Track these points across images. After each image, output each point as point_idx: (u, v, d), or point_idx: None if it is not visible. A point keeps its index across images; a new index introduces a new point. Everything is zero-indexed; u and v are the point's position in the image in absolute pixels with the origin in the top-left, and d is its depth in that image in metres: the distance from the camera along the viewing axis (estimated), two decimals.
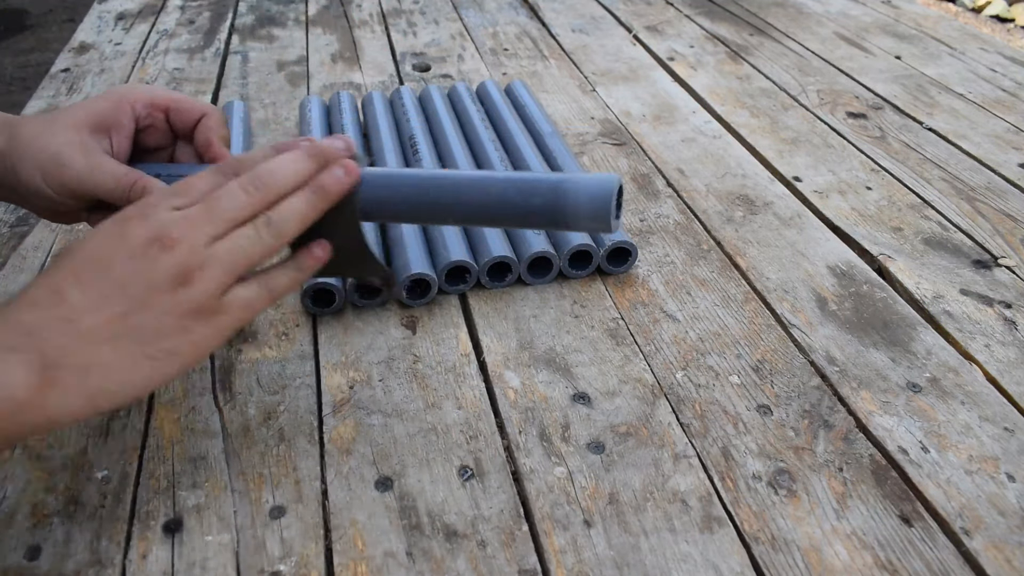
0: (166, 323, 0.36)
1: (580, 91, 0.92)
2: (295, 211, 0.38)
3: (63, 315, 0.35)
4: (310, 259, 0.41)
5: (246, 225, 0.38)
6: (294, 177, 0.39)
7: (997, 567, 0.39)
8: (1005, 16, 2.85)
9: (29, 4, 3.04)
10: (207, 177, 0.39)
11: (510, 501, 0.43)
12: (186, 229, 0.37)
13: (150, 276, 0.36)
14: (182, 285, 0.36)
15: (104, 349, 0.35)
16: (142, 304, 0.36)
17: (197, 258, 0.36)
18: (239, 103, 0.82)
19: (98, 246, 0.37)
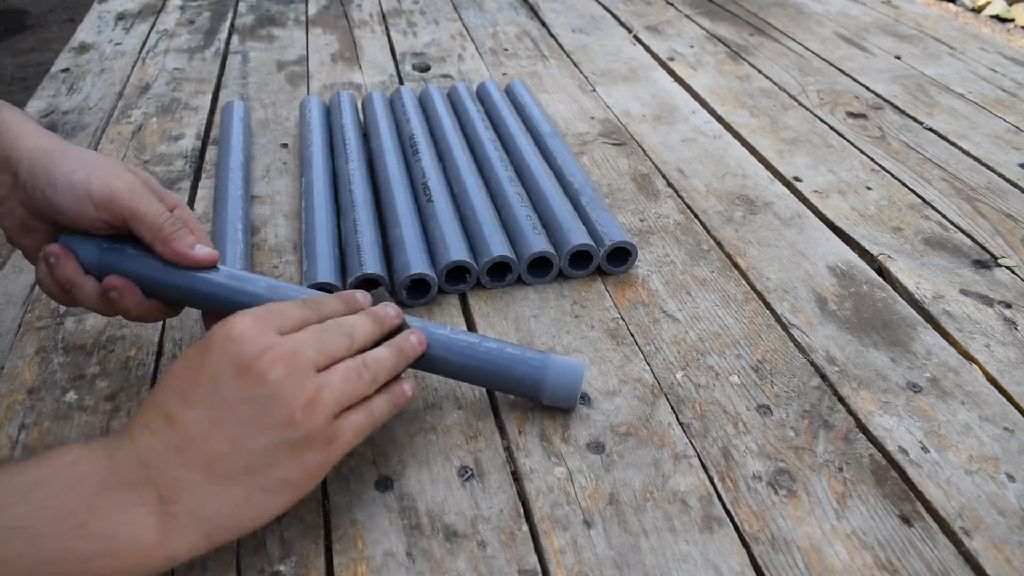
0: (282, 451, 0.36)
1: (580, 91, 0.92)
2: (385, 360, 0.41)
3: (176, 442, 0.35)
4: (402, 395, 0.42)
5: (346, 360, 0.39)
6: (371, 332, 0.42)
7: (997, 567, 0.39)
8: (1005, 16, 2.85)
9: (29, 4, 3.04)
10: (297, 309, 0.41)
11: (510, 501, 0.43)
12: (304, 352, 0.37)
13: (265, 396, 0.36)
14: (304, 410, 0.36)
15: (218, 480, 0.35)
16: (256, 427, 0.35)
17: (312, 383, 0.37)
18: (239, 103, 0.82)
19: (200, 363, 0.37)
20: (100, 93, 0.93)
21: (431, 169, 0.68)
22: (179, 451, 0.35)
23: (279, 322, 0.39)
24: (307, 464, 0.37)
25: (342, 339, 0.40)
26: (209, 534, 0.35)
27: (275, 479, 0.36)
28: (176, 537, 0.34)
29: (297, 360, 0.37)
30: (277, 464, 0.36)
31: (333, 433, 0.37)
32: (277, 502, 0.36)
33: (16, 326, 0.56)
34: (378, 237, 0.61)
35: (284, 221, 0.68)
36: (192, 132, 0.83)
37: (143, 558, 0.33)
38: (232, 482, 0.35)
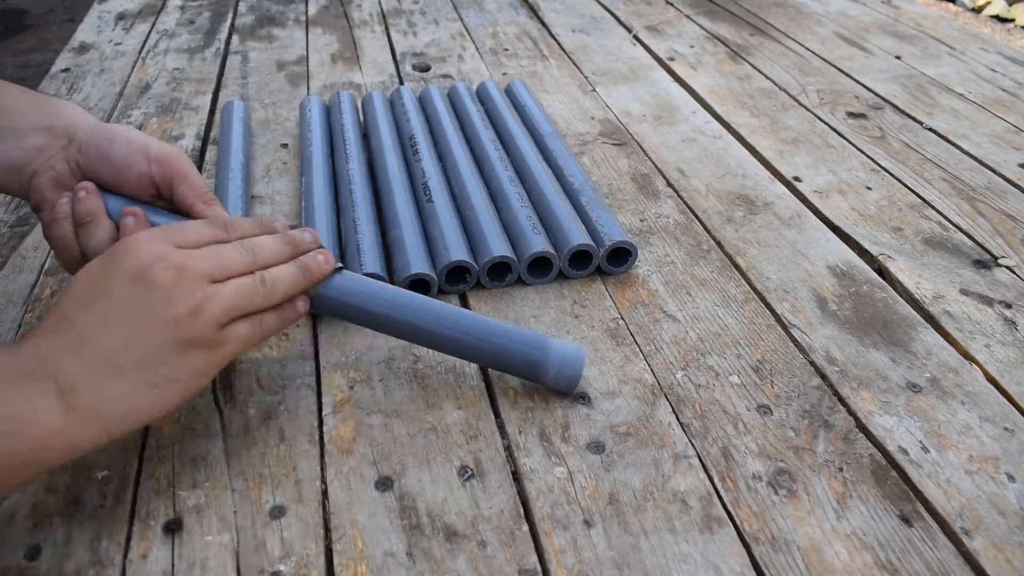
0: (168, 350, 0.38)
1: (580, 91, 0.92)
2: (284, 277, 0.44)
3: (71, 342, 0.38)
4: (293, 311, 0.45)
5: (243, 276, 0.42)
6: (279, 254, 0.44)
7: (997, 567, 0.39)
8: (1005, 16, 2.85)
9: (29, 4, 3.04)
10: (202, 227, 0.43)
11: (510, 501, 0.43)
12: (195, 263, 0.40)
13: (154, 299, 0.39)
14: (190, 314, 0.39)
15: (110, 374, 0.37)
16: (145, 327, 0.38)
17: (202, 291, 0.39)
18: (239, 103, 0.82)
19: (100, 271, 0.40)
20: (100, 93, 0.93)
21: (431, 169, 0.68)
22: (75, 349, 0.37)
23: (179, 237, 0.41)
24: (192, 364, 0.39)
25: (241, 255, 0.42)
26: (107, 426, 0.37)
27: (163, 376, 0.38)
28: (77, 425, 0.36)
29: (188, 269, 0.39)
30: (165, 362, 0.38)
31: (219, 339, 0.40)
32: (168, 397, 0.39)
33: (16, 326, 0.56)
34: (378, 237, 0.61)
35: (284, 221, 0.67)
36: (192, 132, 0.83)
37: (46, 441, 0.36)
38: (123, 377, 0.38)
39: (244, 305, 0.41)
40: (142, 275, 0.39)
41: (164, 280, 0.39)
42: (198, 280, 0.40)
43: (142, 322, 0.38)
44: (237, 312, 0.41)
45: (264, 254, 0.44)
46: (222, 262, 0.41)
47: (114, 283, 0.39)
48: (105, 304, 0.38)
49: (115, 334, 0.38)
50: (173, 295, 0.39)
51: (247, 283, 0.42)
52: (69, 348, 0.38)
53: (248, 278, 0.42)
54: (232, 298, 0.41)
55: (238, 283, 0.41)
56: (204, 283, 0.40)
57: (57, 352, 0.37)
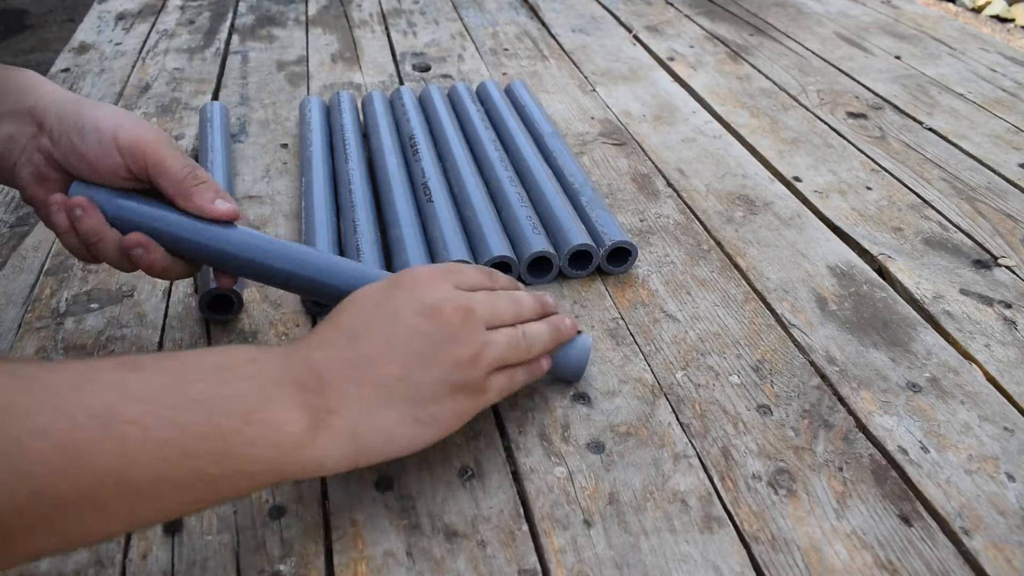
0: (442, 389, 0.39)
1: (580, 91, 0.92)
2: (541, 334, 0.45)
3: (350, 360, 0.38)
4: (539, 369, 0.45)
5: (510, 328, 0.43)
6: (535, 311, 0.46)
7: (997, 567, 0.39)
8: (1005, 16, 2.85)
9: (29, 4, 3.04)
10: (477, 273, 0.45)
11: (510, 501, 0.43)
12: (480, 308, 0.41)
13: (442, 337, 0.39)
14: (471, 358, 0.40)
15: (381, 402, 0.38)
16: (427, 362, 0.39)
17: (482, 337, 0.41)
18: (218, 104, 0.81)
19: (385, 298, 0.40)
20: (100, 93, 0.93)
21: (431, 169, 0.68)
22: (353, 367, 0.38)
23: (459, 279, 0.43)
24: (458, 407, 0.40)
25: (511, 306, 0.44)
26: (358, 451, 0.37)
27: (429, 413, 0.39)
28: (329, 443, 0.36)
29: (473, 313, 0.40)
30: (435, 400, 0.39)
31: (485, 386, 0.41)
32: (424, 435, 0.39)
33: (16, 326, 0.56)
34: (378, 237, 0.61)
35: (284, 221, 0.68)
36: (192, 132, 0.83)
37: (297, 453, 0.35)
38: (393, 407, 0.38)
39: (510, 356, 0.42)
40: (433, 310, 0.39)
41: (454, 319, 0.39)
42: (480, 325, 0.41)
43: (427, 355, 0.39)
44: (504, 362, 0.42)
45: (525, 308, 0.45)
46: (497, 311, 0.42)
47: (402, 311, 0.39)
48: (391, 330, 0.39)
49: (397, 361, 0.38)
50: (460, 336, 0.39)
51: (514, 336, 0.42)
52: (347, 365, 0.38)
53: (513, 331, 0.43)
54: (504, 348, 0.41)
55: (508, 334, 0.42)
56: (483, 329, 0.41)
57: (333, 367, 0.37)
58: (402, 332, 0.39)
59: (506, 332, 0.42)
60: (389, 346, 0.38)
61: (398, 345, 0.38)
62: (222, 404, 0.34)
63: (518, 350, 0.43)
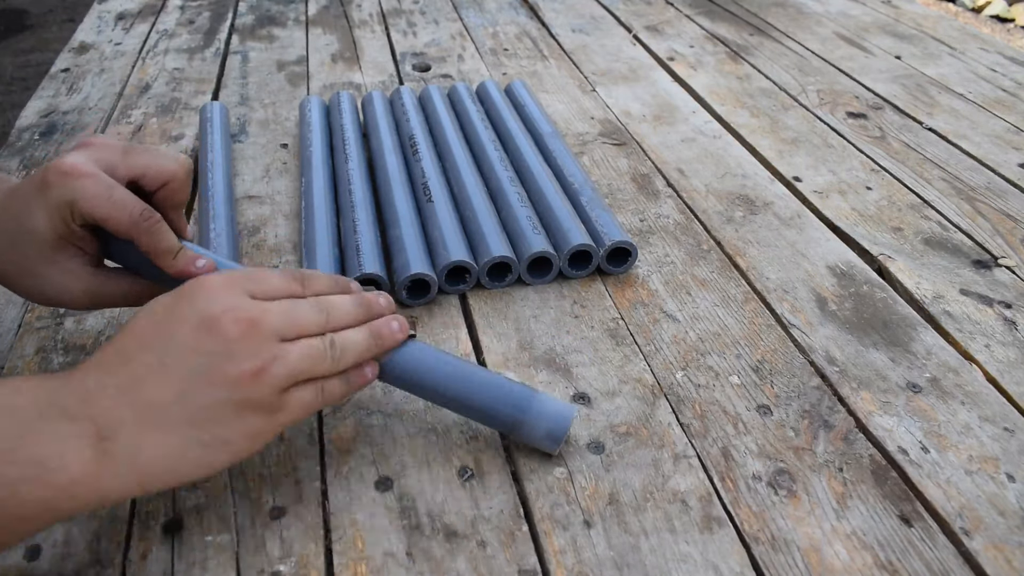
0: (225, 409, 0.36)
1: (580, 91, 0.92)
2: (355, 342, 0.41)
3: (122, 383, 0.35)
4: (361, 377, 0.42)
5: (314, 338, 0.39)
6: (352, 316, 0.42)
7: (997, 567, 0.39)
8: (1005, 16, 2.85)
9: (29, 4, 3.04)
10: (279, 280, 0.41)
11: (510, 501, 0.43)
12: (268, 319, 0.37)
13: (219, 352, 0.36)
14: (253, 375, 0.36)
15: (158, 426, 0.35)
16: (204, 380, 0.35)
17: (270, 351, 0.37)
18: (218, 104, 0.81)
19: (165, 311, 0.37)
20: (100, 93, 0.93)
21: (431, 169, 0.68)
22: (125, 391, 0.35)
23: (254, 287, 0.39)
24: (248, 427, 0.36)
25: (316, 315, 0.40)
26: (142, 479, 0.35)
27: (215, 435, 0.36)
28: (109, 476, 0.34)
29: (258, 325, 0.37)
30: (218, 421, 0.36)
31: (279, 404, 0.37)
32: (214, 459, 0.36)
33: (16, 326, 0.56)
34: (377, 237, 0.61)
35: (284, 221, 0.68)
36: (192, 132, 0.83)
37: (72, 490, 0.33)
38: (172, 431, 0.35)
39: (310, 369, 0.38)
40: (210, 323, 0.36)
41: (232, 333, 0.36)
42: (267, 338, 0.37)
43: (202, 374, 0.35)
44: (302, 376, 0.38)
45: (337, 315, 0.41)
46: (295, 320, 0.39)
47: (179, 326, 0.36)
48: (165, 347, 0.36)
49: (170, 381, 0.35)
50: (239, 351, 0.36)
51: (316, 346, 0.39)
52: (118, 389, 0.35)
53: (317, 340, 0.39)
54: (299, 361, 0.38)
55: (307, 345, 0.38)
56: (273, 341, 0.37)
57: (104, 392, 0.35)
58: (176, 349, 0.36)
59: (304, 343, 0.38)
60: (162, 365, 0.35)
61: (171, 364, 0.35)
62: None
63: (323, 360, 0.39)
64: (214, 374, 0.35)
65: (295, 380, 0.38)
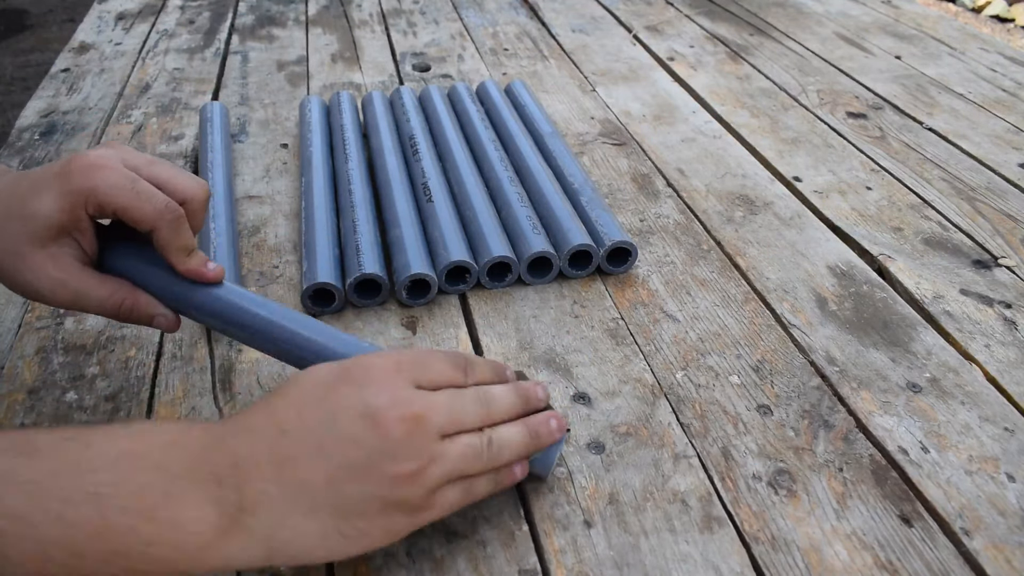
0: (373, 505, 0.35)
1: (580, 91, 0.92)
2: (513, 441, 0.39)
3: (275, 457, 0.34)
4: (510, 477, 0.40)
5: (473, 434, 0.38)
6: (512, 409, 0.40)
7: (997, 567, 0.39)
8: (1005, 16, 2.85)
9: (29, 4, 3.04)
10: (445, 366, 0.39)
11: (510, 501, 0.43)
12: (432, 417, 0.36)
13: (379, 449, 0.35)
14: (410, 477, 0.35)
15: (302, 509, 0.34)
16: (359, 474, 0.34)
17: (429, 451, 0.36)
18: (218, 104, 0.81)
19: (329, 391, 0.36)
20: (100, 93, 0.93)
21: (431, 169, 0.68)
22: (276, 466, 0.34)
23: (420, 375, 0.38)
24: (391, 524, 0.36)
25: (478, 409, 0.38)
26: (271, 554, 0.34)
27: (357, 528, 0.35)
28: (239, 546, 0.33)
29: (423, 424, 0.36)
30: (364, 516, 0.35)
31: (427, 504, 0.36)
32: (349, 549, 0.35)
33: (16, 326, 0.56)
34: (377, 237, 0.61)
35: (284, 221, 0.68)
36: (192, 132, 0.83)
37: (201, 555, 0.33)
38: (315, 516, 0.34)
39: (467, 468, 0.37)
40: (376, 417, 0.35)
41: (397, 432, 0.35)
42: (430, 436, 0.36)
43: (359, 468, 0.34)
44: (458, 475, 0.37)
45: (498, 408, 0.39)
46: (457, 416, 0.37)
47: (342, 410, 0.35)
48: (326, 431, 0.35)
49: (324, 468, 0.34)
50: (401, 452, 0.35)
51: (475, 445, 0.37)
52: (270, 462, 0.34)
53: (476, 438, 0.37)
54: (457, 462, 0.36)
55: (466, 445, 0.37)
56: (435, 440, 0.36)
57: (256, 462, 0.34)
58: (336, 437, 0.34)
59: (464, 441, 0.37)
60: (319, 449, 0.34)
61: (329, 450, 0.34)
62: (122, 499, 0.31)
63: (479, 460, 0.37)
64: (372, 471, 0.34)
65: (451, 479, 0.37)
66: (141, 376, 0.51)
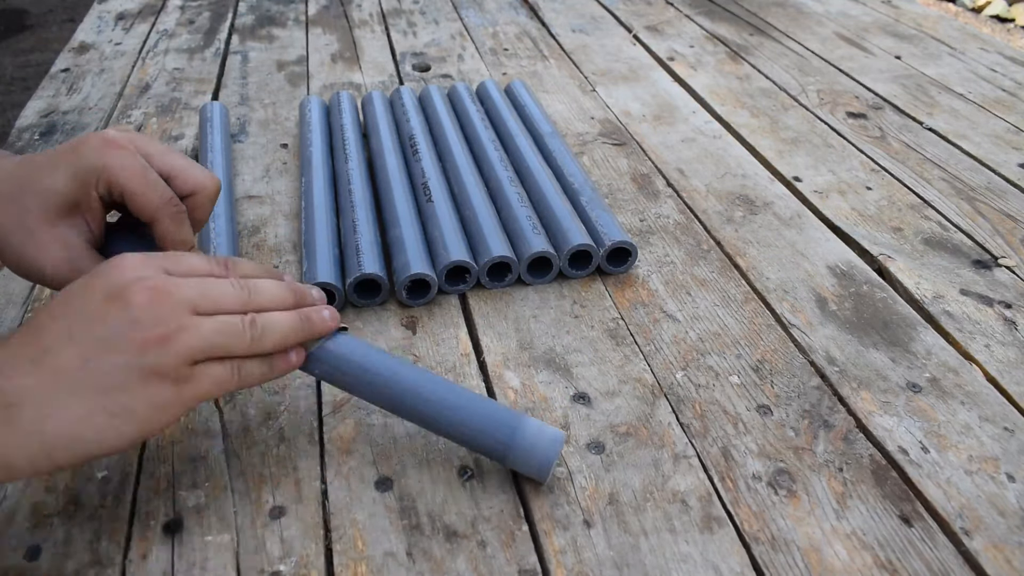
0: (129, 375, 0.35)
1: (580, 91, 0.92)
2: (280, 325, 0.40)
3: (31, 354, 0.35)
4: (284, 362, 0.41)
5: (232, 316, 0.38)
6: (279, 300, 0.41)
7: (997, 567, 0.39)
8: (1005, 16, 2.85)
9: (29, 4, 3.04)
10: (200, 260, 0.40)
11: (510, 501, 0.43)
12: (180, 290, 0.37)
13: (124, 319, 0.36)
14: (158, 341, 0.36)
15: (63, 392, 0.35)
16: (109, 347, 0.35)
17: (178, 320, 0.36)
18: (218, 104, 0.81)
19: (80, 286, 0.37)
20: (100, 93, 0.93)
21: (431, 169, 0.68)
22: (33, 361, 0.35)
23: (172, 265, 0.39)
24: (154, 397, 0.36)
25: (236, 292, 0.39)
26: (48, 449, 0.34)
27: (120, 403, 0.35)
28: (15, 446, 0.34)
29: (168, 294, 0.36)
30: (123, 389, 0.35)
31: (187, 375, 0.37)
32: (121, 430, 0.36)
33: (16, 326, 0.56)
34: (377, 237, 0.61)
35: (284, 221, 0.68)
36: (192, 132, 0.83)
37: None
38: (77, 397, 0.35)
39: (225, 344, 0.37)
40: (119, 293, 0.36)
41: (139, 301, 0.36)
42: (177, 307, 0.36)
43: (107, 340, 0.35)
44: (215, 351, 0.37)
45: (262, 297, 0.40)
46: (210, 294, 0.38)
47: (89, 298, 0.36)
48: (75, 318, 0.36)
49: (76, 349, 0.35)
50: (144, 317, 0.36)
51: (233, 322, 0.38)
52: (26, 359, 0.35)
53: (236, 318, 0.38)
54: (212, 335, 0.37)
55: (223, 320, 0.38)
56: (184, 312, 0.37)
57: (13, 363, 0.35)
58: (84, 319, 0.36)
59: (220, 318, 0.38)
60: (69, 334, 0.35)
61: (78, 333, 0.35)
62: None
63: (240, 339, 0.38)
64: (119, 340, 0.35)
65: (207, 355, 0.37)
66: None
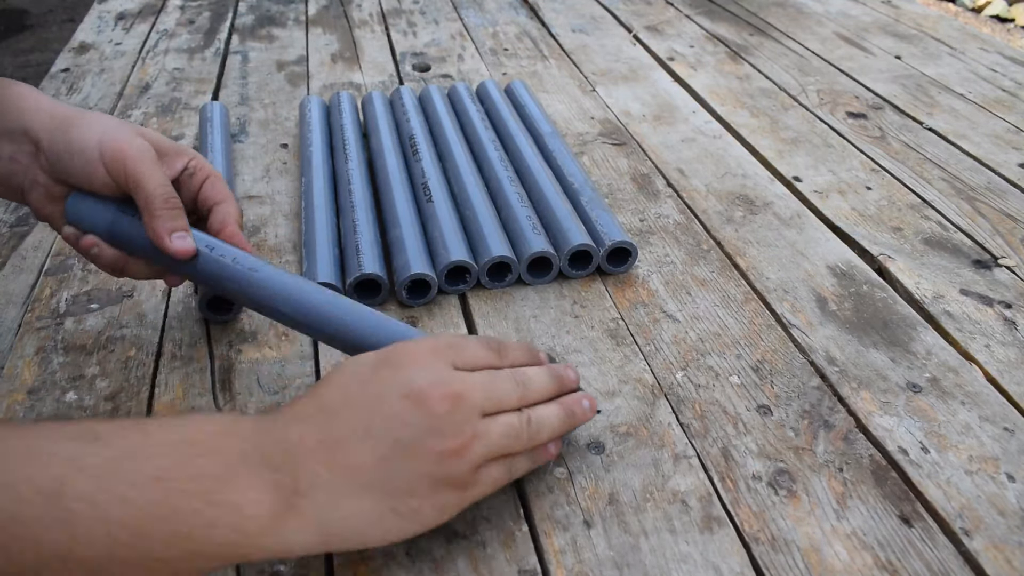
0: (422, 482, 0.36)
1: (580, 91, 0.92)
2: (550, 420, 0.41)
3: (325, 442, 0.35)
4: (545, 454, 0.42)
5: (512, 413, 0.39)
6: (547, 390, 0.42)
7: (997, 567, 0.39)
8: (1005, 16, 2.85)
9: (29, 4, 3.04)
10: (480, 349, 0.41)
11: (510, 501, 0.43)
12: (472, 394, 0.37)
13: (424, 426, 0.36)
14: (456, 452, 0.36)
15: (354, 490, 0.35)
16: (407, 452, 0.36)
17: (472, 427, 0.37)
18: (218, 104, 0.81)
19: (372, 375, 0.37)
20: (100, 93, 0.93)
21: (431, 169, 0.68)
22: (327, 449, 0.35)
23: (456, 356, 0.39)
24: (441, 501, 0.37)
25: (514, 389, 0.40)
26: (326, 538, 0.35)
27: (409, 506, 0.36)
28: (294, 530, 0.34)
29: (464, 401, 0.37)
30: (414, 493, 0.36)
31: (473, 480, 0.38)
32: (403, 528, 0.36)
33: (16, 326, 0.56)
34: (377, 237, 0.61)
35: (284, 221, 0.68)
36: (192, 132, 0.83)
37: (260, 540, 0.33)
38: (367, 496, 0.35)
39: (507, 447, 0.39)
40: (419, 396, 0.36)
41: (439, 408, 0.36)
42: (471, 414, 0.37)
43: (406, 446, 0.36)
44: (498, 454, 0.38)
45: (534, 389, 0.41)
46: (495, 395, 0.39)
47: (387, 392, 0.36)
48: (372, 412, 0.36)
49: (374, 449, 0.35)
50: (445, 428, 0.36)
51: (515, 424, 0.39)
52: (321, 447, 0.35)
53: (515, 417, 0.39)
54: (499, 439, 0.38)
55: (506, 423, 0.38)
56: (476, 418, 0.37)
57: (306, 447, 0.35)
58: (383, 417, 0.36)
59: (504, 420, 0.38)
60: (367, 431, 0.36)
61: (377, 431, 0.36)
62: (183, 482, 0.32)
63: (519, 439, 0.39)
64: (418, 448, 0.36)
65: (491, 457, 0.38)
66: (141, 376, 0.51)
